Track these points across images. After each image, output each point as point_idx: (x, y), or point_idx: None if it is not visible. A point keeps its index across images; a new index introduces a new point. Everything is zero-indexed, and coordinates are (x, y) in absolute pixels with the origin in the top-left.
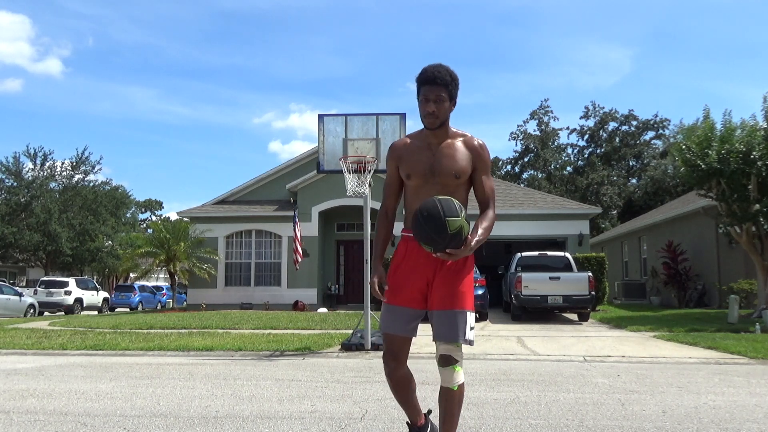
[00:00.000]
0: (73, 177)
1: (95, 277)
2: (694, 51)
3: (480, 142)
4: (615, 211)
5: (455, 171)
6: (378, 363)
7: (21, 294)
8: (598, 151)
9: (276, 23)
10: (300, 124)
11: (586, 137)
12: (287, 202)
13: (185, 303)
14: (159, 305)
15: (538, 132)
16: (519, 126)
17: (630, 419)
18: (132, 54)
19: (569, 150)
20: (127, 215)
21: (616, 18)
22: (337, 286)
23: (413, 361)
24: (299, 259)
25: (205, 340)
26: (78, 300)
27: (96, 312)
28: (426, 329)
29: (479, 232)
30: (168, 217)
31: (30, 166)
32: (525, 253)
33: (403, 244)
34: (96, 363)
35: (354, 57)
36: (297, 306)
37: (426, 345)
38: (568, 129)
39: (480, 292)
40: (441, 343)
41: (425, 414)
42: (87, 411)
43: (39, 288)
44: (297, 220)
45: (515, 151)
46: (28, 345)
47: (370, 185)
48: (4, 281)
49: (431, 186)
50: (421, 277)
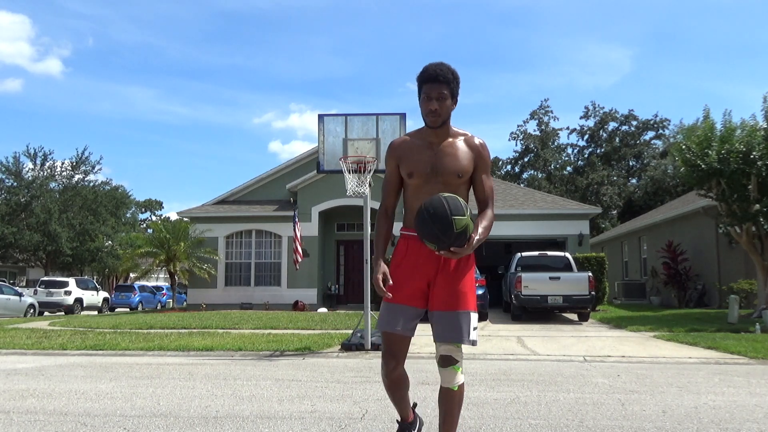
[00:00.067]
0: (73, 177)
1: (95, 277)
2: (694, 51)
3: (481, 141)
4: (615, 211)
5: (458, 170)
6: (378, 363)
7: (21, 294)
8: (598, 151)
9: (276, 23)
10: (300, 124)
11: (586, 137)
12: (287, 202)
13: (185, 303)
14: (159, 305)
15: (538, 132)
16: (519, 126)
17: (630, 419)
18: (132, 54)
19: (569, 150)
20: (127, 215)
21: (616, 18)
22: (337, 286)
23: (413, 361)
24: (299, 259)
25: (205, 340)
26: (78, 300)
27: (96, 312)
28: (426, 329)
29: (479, 231)
30: (168, 217)
31: (30, 166)
32: (525, 253)
33: (403, 242)
34: (96, 363)
35: (354, 57)
36: (297, 306)
37: (426, 345)
38: (568, 129)
39: (480, 292)
40: (442, 344)
41: (412, 409)
42: (87, 411)
43: (39, 288)
44: (297, 220)
45: (515, 151)
46: (28, 345)
47: (370, 185)
48: (4, 281)
49: (432, 185)
50: (422, 277)
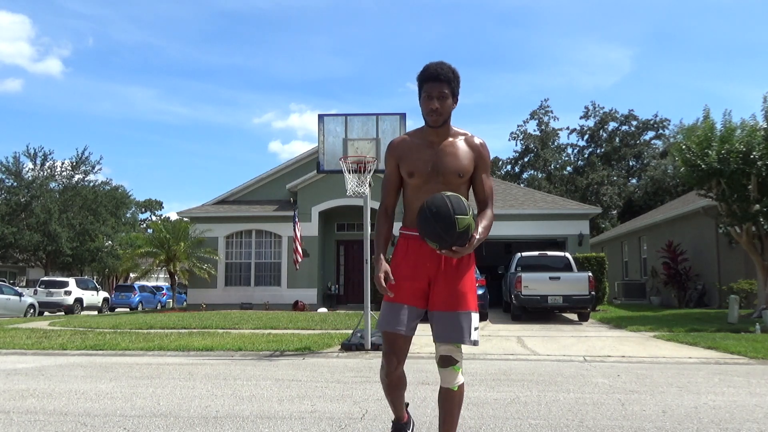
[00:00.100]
0: (73, 177)
1: (95, 277)
2: (694, 51)
3: (481, 141)
4: (615, 211)
5: (458, 170)
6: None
7: (21, 294)
8: (598, 151)
9: (276, 23)
10: (300, 124)
11: (586, 137)
12: (287, 202)
13: (185, 303)
14: (159, 305)
15: (538, 132)
16: (519, 126)
17: (630, 419)
18: (132, 54)
19: (569, 150)
20: (127, 215)
21: (616, 18)
22: (337, 286)
23: (413, 361)
24: (299, 259)
25: (205, 340)
26: (78, 300)
27: (96, 312)
28: (426, 329)
29: (479, 230)
30: (168, 217)
31: (30, 166)
32: (525, 253)
33: (403, 242)
34: (96, 363)
35: (354, 57)
36: (297, 306)
37: (426, 345)
38: (568, 129)
39: (480, 292)
40: (441, 344)
41: (405, 409)
42: (87, 411)
43: (39, 288)
44: (297, 220)
45: (515, 151)
46: (28, 345)
47: (370, 185)
48: (4, 281)
49: (433, 185)
50: (423, 276)
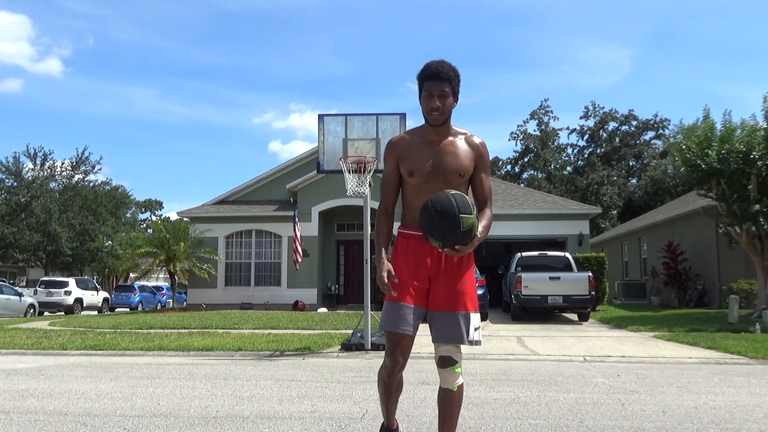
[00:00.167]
0: (73, 177)
1: (95, 277)
2: (694, 51)
3: (481, 140)
4: (615, 211)
5: (459, 169)
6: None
7: (21, 294)
8: (598, 151)
9: (276, 23)
10: (300, 124)
11: (586, 137)
12: (287, 202)
13: (185, 303)
14: (159, 305)
15: (538, 132)
16: (519, 126)
17: (630, 419)
18: (132, 54)
19: (569, 150)
20: (127, 215)
21: (616, 18)
22: (337, 286)
23: (413, 361)
24: (299, 259)
25: (205, 340)
26: (78, 300)
27: (96, 312)
28: (425, 329)
29: (479, 230)
30: (168, 217)
31: (30, 166)
32: (525, 253)
33: (403, 242)
34: (96, 363)
35: (354, 57)
36: (297, 306)
37: (426, 345)
38: (568, 129)
39: (480, 292)
40: (441, 345)
41: None
42: (87, 411)
43: (39, 288)
44: (297, 220)
45: (515, 151)
46: (28, 345)
47: (370, 185)
48: (4, 281)
49: (433, 184)
50: (423, 276)
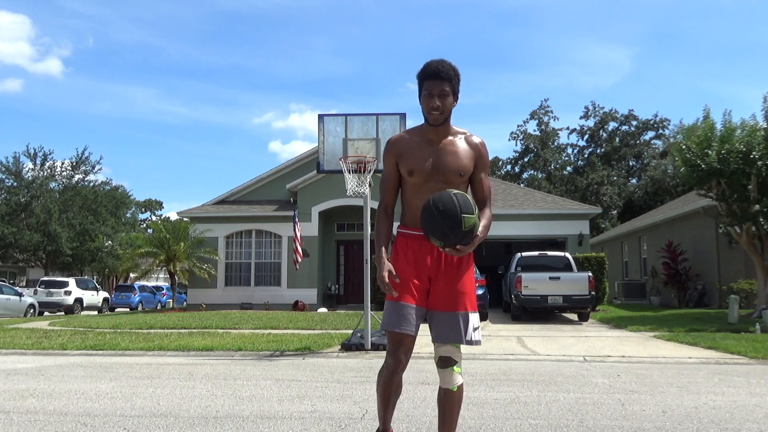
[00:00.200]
0: (73, 177)
1: (95, 277)
2: (694, 51)
3: (480, 140)
4: (615, 211)
5: (460, 169)
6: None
7: (21, 294)
8: (598, 151)
9: (276, 23)
10: (300, 124)
11: (586, 137)
12: (287, 202)
13: (185, 303)
14: (159, 305)
15: (538, 132)
16: (519, 126)
17: (630, 419)
18: (132, 54)
19: (569, 150)
20: (127, 215)
21: (616, 18)
22: (337, 286)
23: (413, 361)
24: (299, 259)
25: (205, 340)
26: (78, 300)
27: (96, 312)
28: (425, 329)
29: (479, 230)
30: (168, 217)
31: (30, 166)
32: (525, 253)
33: (403, 241)
34: (96, 363)
35: (354, 57)
36: (297, 306)
37: (426, 345)
38: (568, 129)
39: (480, 292)
40: (441, 345)
41: None
42: (87, 411)
43: (39, 288)
44: (297, 220)
45: (515, 151)
46: (28, 345)
47: (370, 185)
48: (4, 281)
49: (433, 183)
50: (424, 276)
